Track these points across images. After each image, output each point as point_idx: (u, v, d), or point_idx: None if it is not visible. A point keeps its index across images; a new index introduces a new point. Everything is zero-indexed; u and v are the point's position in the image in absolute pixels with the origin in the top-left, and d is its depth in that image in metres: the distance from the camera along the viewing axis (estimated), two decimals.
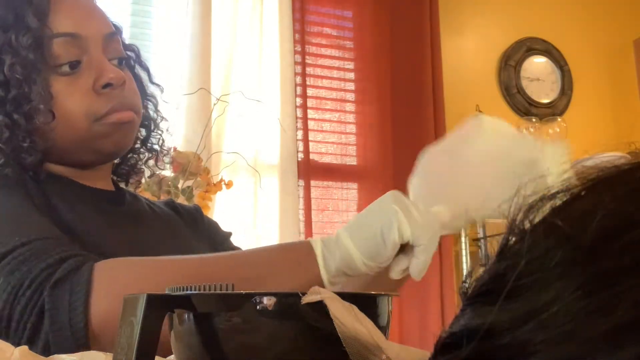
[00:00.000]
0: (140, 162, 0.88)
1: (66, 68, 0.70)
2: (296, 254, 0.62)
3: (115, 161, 0.85)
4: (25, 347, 0.47)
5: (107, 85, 0.71)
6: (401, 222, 0.59)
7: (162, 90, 0.90)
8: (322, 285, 0.60)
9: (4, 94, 0.68)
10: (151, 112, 0.87)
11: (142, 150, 0.87)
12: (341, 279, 0.62)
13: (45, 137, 0.70)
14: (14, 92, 0.68)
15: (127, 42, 0.85)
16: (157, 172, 0.92)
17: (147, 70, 0.87)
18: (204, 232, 0.90)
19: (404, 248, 0.61)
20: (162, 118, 0.88)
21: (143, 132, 0.86)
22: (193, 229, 0.88)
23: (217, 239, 0.91)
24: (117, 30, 0.80)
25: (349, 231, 0.61)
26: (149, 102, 0.87)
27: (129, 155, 0.86)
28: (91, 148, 0.73)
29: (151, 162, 0.90)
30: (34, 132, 0.69)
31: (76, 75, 0.71)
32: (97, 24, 0.74)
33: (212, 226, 0.93)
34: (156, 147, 0.88)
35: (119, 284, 0.56)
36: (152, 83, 0.88)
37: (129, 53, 0.84)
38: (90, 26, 0.73)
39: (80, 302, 0.54)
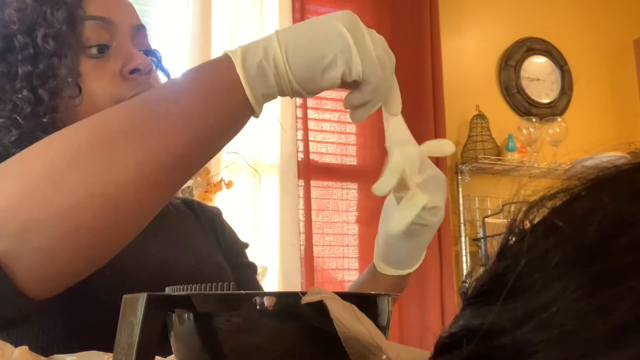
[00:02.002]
0: None
1: (94, 51, 0.71)
2: (218, 82, 0.54)
3: None
4: (25, 347, 0.47)
5: (135, 70, 0.72)
6: (352, 56, 0.53)
7: None
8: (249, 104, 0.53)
9: (31, 69, 0.68)
10: None
11: None
12: (269, 98, 0.56)
13: (66, 116, 0.70)
14: (42, 66, 0.68)
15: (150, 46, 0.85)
16: None
17: (167, 75, 0.87)
18: (220, 238, 0.88)
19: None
20: None
21: None
22: (206, 231, 0.87)
23: (234, 249, 0.89)
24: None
25: (286, 42, 0.53)
26: None
27: None
28: None
29: None
30: (56, 109, 0.69)
31: (104, 59, 0.71)
32: (127, 13, 0.76)
33: (231, 235, 0.92)
34: None
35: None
36: None
37: (151, 58, 0.85)
38: (121, 14, 0.74)
39: None
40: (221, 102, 0.53)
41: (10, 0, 0.70)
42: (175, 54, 2.27)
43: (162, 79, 0.87)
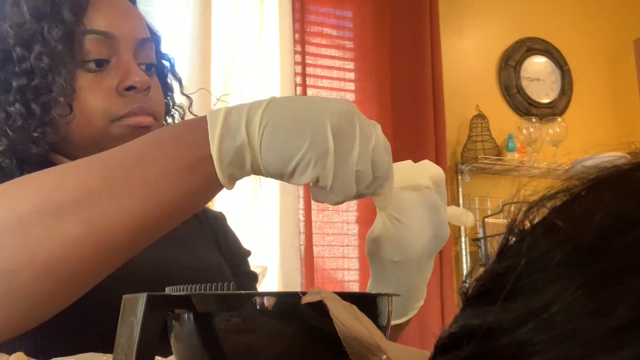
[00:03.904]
0: None
1: (92, 65, 0.71)
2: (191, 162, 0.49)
3: None
4: (20, 353, 0.47)
5: (131, 87, 0.71)
6: (326, 168, 0.48)
7: (191, 102, 0.90)
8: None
9: (26, 83, 0.68)
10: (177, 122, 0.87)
11: None
12: (244, 176, 0.53)
13: (58, 129, 0.70)
14: (36, 81, 0.68)
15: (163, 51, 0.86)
16: None
17: (179, 81, 0.87)
18: (221, 242, 0.88)
19: None
20: None
21: None
22: (206, 233, 0.87)
23: (237, 258, 0.89)
24: (154, 39, 0.81)
25: (266, 123, 0.48)
26: (176, 112, 0.87)
27: None
28: (104, 148, 0.73)
29: None
30: (47, 123, 0.69)
31: (102, 74, 0.71)
32: (132, 26, 0.75)
33: (235, 242, 0.91)
34: None
35: None
36: (183, 94, 0.89)
37: (163, 62, 0.85)
38: (124, 28, 0.73)
39: None
40: (189, 179, 0.49)
41: (10, 14, 0.70)
42: (175, 54, 2.27)
43: (175, 84, 0.87)
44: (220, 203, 2.08)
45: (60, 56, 0.68)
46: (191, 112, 0.90)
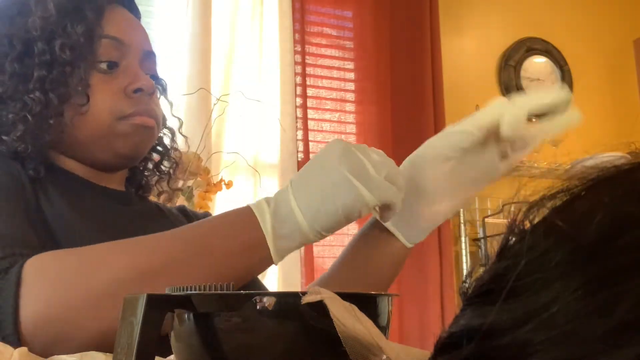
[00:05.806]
0: (150, 182, 0.92)
1: (104, 66, 0.75)
2: (242, 229, 0.63)
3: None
4: (24, 349, 0.47)
5: (138, 90, 0.76)
6: (363, 195, 0.58)
7: (181, 123, 0.97)
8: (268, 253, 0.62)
9: (46, 74, 0.72)
10: (167, 141, 0.92)
11: (154, 171, 0.92)
12: (291, 247, 0.64)
13: (71, 120, 0.74)
14: (56, 72, 0.72)
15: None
16: (166, 190, 0.96)
17: (170, 103, 0.92)
18: None
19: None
20: (176, 149, 0.94)
21: (156, 157, 0.92)
22: None
23: None
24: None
25: (303, 205, 0.60)
26: (168, 132, 0.93)
27: (139, 175, 0.90)
28: (108, 146, 0.76)
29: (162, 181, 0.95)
30: (62, 114, 0.73)
31: (112, 75, 0.76)
32: (140, 37, 0.81)
33: None
34: (168, 170, 0.93)
35: (49, 283, 0.55)
36: (174, 116, 0.94)
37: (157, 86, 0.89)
38: (134, 37, 0.79)
39: (8, 309, 0.53)
40: (245, 261, 0.62)
41: (36, 8, 0.74)
42: (175, 53, 2.27)
43: (164, 104, 0.90)
44: (220, 203, 2.08)
45: (80, 50, 0.73)
46: (181, 133, 0.96)
